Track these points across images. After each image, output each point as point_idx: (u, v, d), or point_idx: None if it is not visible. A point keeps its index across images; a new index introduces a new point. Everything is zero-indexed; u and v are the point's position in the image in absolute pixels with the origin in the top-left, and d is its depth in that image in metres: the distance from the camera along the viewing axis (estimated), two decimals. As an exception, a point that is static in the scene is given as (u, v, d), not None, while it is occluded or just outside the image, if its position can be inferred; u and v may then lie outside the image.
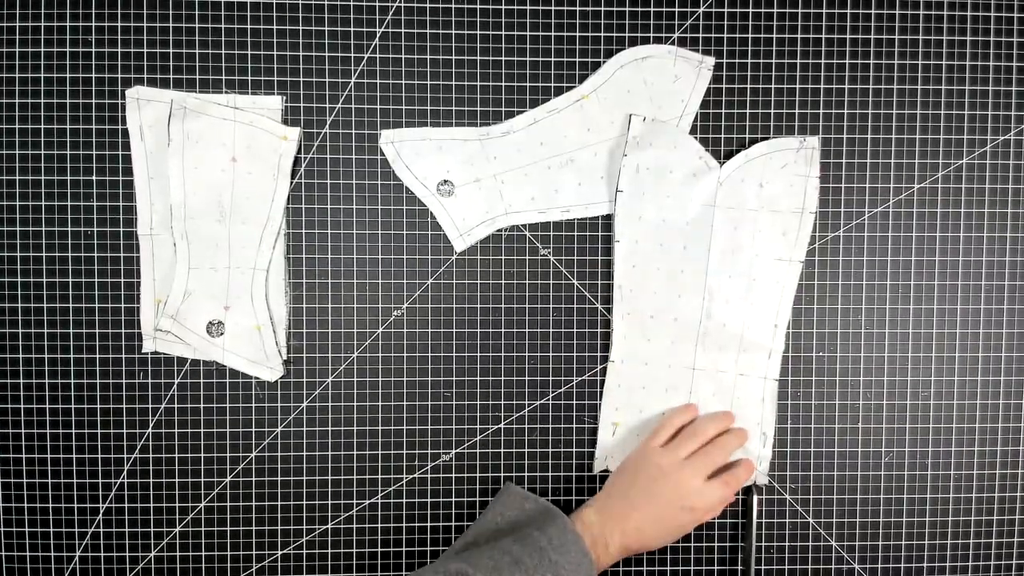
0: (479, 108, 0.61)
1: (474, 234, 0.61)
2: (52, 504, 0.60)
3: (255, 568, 0.61)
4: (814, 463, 0.62)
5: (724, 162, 0.61)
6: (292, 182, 0.60)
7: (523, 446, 0.62)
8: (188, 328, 0.60)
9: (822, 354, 0.62)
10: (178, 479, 0.61)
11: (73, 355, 0.60)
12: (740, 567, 0.61)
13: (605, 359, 0.62)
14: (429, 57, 0.60)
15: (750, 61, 0.61)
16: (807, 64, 0.61)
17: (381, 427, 0.61)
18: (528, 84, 0.61)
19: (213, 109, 0.59)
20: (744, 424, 0.61)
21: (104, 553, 0.61)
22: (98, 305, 0.60)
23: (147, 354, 0.60)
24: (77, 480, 0.60)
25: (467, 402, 0.62)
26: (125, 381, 0.60)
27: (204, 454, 0.61)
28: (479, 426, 0.62)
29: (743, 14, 0.61)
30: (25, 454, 0.60)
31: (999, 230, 0.62)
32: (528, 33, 0.61)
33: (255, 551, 0.61)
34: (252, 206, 0.60)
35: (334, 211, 0.61)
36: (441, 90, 0.61)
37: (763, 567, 0.62)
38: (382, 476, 0.61)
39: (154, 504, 0.61)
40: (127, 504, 0.61)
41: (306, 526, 0.61)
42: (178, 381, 0.61)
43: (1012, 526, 0.63)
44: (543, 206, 0.61)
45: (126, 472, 0.61)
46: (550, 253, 0.62)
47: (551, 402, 0.62)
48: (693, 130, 0.61)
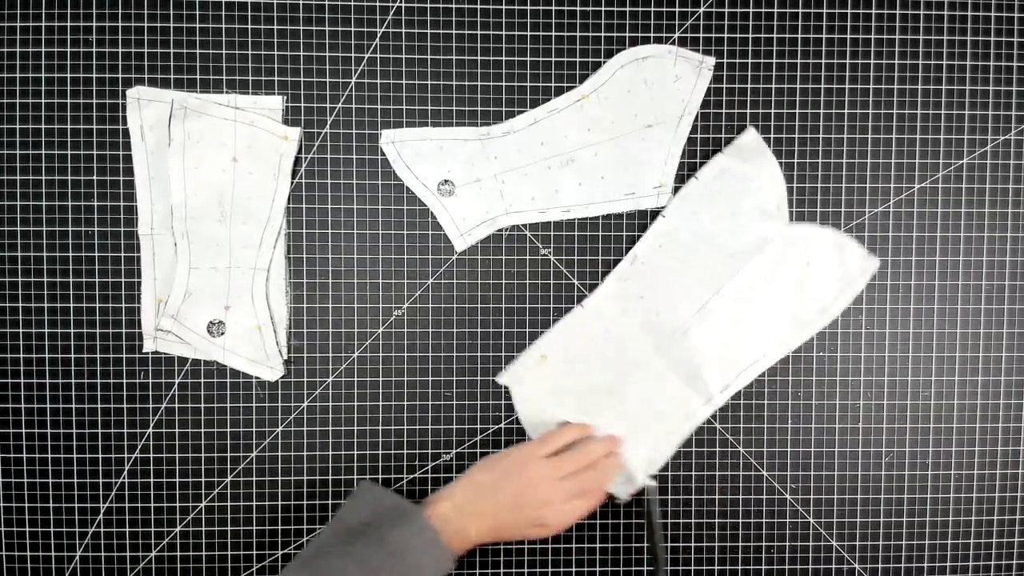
0: (479, 108, 0.61)
1: (474, 234, 0.61)
2: (52, 504, 0.60)
3: (255, 568, 0.61)
4: (814, 463, 0.62)
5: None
6: (293, 182, 0.60)
7: (523, 446, 0.62)
8: (189, 328, 0.60)
9: (822, 354, 0.62)
10: (178, 479, 0.61)
11: (73, 355, 0.60)
12: (647, 568, 0.62)
13: (605, 359, 0.62)
14: (429, 57, 0.60)
15: (750, 61, 0.61)
16: (807, 64, 0.61)
17: (381, 427, 0.61)
18: (528, 84, 0.61)
19: (214, 109, 0.59)
20: (647, 436, 0.61)
21: (104, 553, 0.61)
22: (98, 305, 0.60)
23: (147, 354, 0.60)
24: (77, 480, 0.60)
25: (467, 402, 0.62)
26: (125, 381, 0.60)
27: (204, 454, 0.61)
28: (479, 426, 0.62)
29: (743, 14, 0.61)
30: (25, 454, 0.60)
31: (999, 230, 0.62)
32: (528, 33, 0.61)
33: (255, 551, 0.61)
34: (253, 206, 0.60)
35: (334, 211, 0.61)
36: (441, 90, 0.61)
37: (763, 567, 0.62)
38: (382, 476, 0.61)
39: (154, 504, 0.61)
40: (127, 504, 0.61)
41: (306, 526, 0.61)
42: (178, 381, 0.61)
43: (1012, 526, 0.63)
44: (543, 206, 0.61)
45: (126, 472, 0.61)
46: (550, 253, 0.62)
47: (551, 402, 0.62)
48: (693, 130, 0.61)
